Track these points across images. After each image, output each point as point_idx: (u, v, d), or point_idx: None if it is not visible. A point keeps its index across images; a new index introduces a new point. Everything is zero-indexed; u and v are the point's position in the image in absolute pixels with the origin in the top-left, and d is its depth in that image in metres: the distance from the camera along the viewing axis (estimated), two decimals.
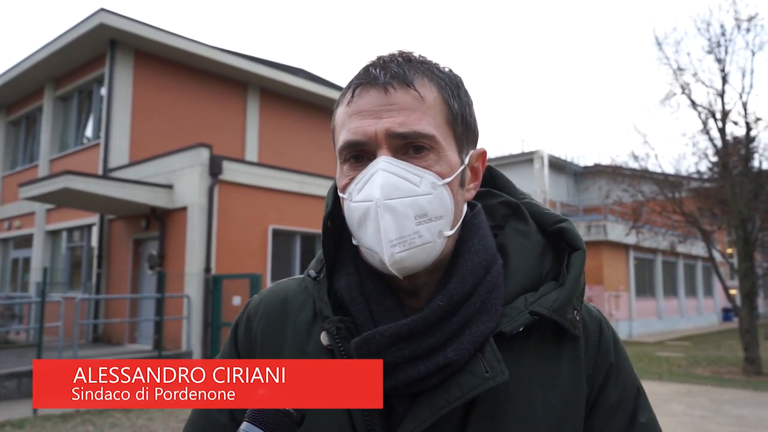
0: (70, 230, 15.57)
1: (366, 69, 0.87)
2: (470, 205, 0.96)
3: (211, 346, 11.32)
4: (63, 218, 15.28)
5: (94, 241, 14.17)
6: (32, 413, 7.57)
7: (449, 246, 0.88)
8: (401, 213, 0.80)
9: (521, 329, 0.85)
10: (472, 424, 0.82)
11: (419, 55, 0.90)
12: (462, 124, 0.88)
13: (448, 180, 0.84)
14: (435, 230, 0.82)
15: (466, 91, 0.91)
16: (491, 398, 0.82)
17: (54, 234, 16.13)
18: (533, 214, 0.97)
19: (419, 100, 0.83)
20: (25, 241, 17.16)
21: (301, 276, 1.02)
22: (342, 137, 0.86)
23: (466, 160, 0.89)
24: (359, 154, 0.84)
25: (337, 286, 0.91)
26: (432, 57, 0.92)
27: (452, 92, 0.87)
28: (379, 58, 0.87)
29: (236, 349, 0.99)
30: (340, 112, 0.88)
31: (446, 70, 0.90)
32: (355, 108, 0.85)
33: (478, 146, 0.94)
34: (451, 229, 0.86)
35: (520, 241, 0.93)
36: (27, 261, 16.92)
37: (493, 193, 1.01)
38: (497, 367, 0.80)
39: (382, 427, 0.82)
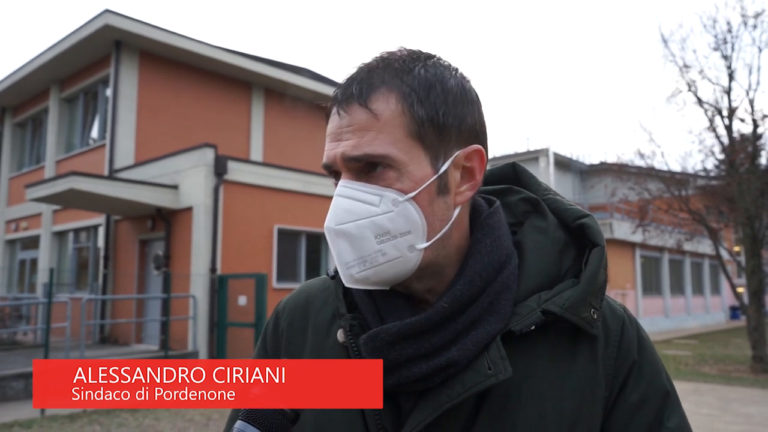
0: (77, 231, 15.65)
1: (339, 84, 0.87)
2: (489, 202, 0.94)
3: (217, 346, 11.36)
4: (69, 219, 15.36)
5: (101, 242, 14.24)
6: (40, 413, 7.61)
7: (452, 248, 0.86)
8: (356, 235, 0.80)
9: (533, 328, 0.83)
10: (480, 421, 0.82)
11: (400, 53, 0.85)
12: (434, 130, 0.82)
13: (411, 195, 0.81)
14: (403, 246, 0.81)
15: (444, 90, 0.83)
16: (501, 396, 0.82)
17: (60, 235, 16.22)
18: (555, 210, 0.94)
19: (373, 118, 0.81)
20: (32, 243, 17.27)
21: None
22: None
23: (445, 166, 0.84)
24: (336, 172, 0.86)
25: None
26: (429, 49, 0.88)
27: (418, 97, 0.82)
28: (353, 68, 0.87)
29: (265, 348, 1.02)
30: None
31: (420, 71, 0.84)
32: (327, 130, 0.87)
33: (476, 144, 0.86)
34: (428, 241, 0.83)
35: (537, 238, 0.91)
36: (34, 262, 17.03)
37: (514, 190, 0.99)
38: (500, 365, 0.79)
39: (392, 423, 0.84)
